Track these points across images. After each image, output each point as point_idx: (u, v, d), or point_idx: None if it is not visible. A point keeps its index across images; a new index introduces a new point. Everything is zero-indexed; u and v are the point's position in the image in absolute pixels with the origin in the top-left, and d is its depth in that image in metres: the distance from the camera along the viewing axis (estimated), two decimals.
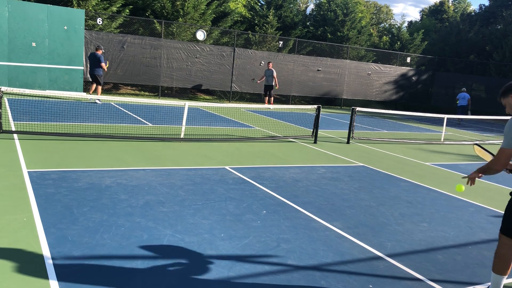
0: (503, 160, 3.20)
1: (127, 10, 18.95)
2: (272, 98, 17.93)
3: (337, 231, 4.77)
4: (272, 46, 22.79)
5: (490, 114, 21.86)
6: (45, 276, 3.24)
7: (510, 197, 3.38)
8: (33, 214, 4.40)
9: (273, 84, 17.68)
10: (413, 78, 25.16)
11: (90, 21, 17.41)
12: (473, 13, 35.25)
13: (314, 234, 4.62)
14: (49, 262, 3.44)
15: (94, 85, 14.47)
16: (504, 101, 3.35)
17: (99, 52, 14.35)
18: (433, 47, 28.85)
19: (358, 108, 11.51)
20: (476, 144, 4.10)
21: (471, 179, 3.55)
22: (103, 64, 14.26)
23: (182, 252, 3.88)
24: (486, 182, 8.15)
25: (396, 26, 30.38)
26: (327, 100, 24.20)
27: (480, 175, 3.50)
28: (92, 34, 16.81)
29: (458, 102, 20.71)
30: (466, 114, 20.98)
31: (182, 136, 9.38)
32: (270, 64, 17.93)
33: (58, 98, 14.38)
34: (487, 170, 3.36)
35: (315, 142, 10.64)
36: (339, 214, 5.36)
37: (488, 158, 3.85)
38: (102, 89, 14.93)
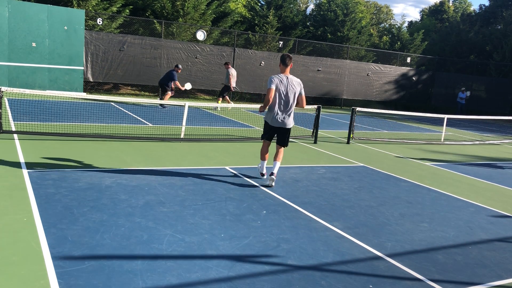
0: (270, 94, 6.17)
1: (127, 10, 18.95)
2: None
3: (337, 231, 4.77)
4: (272, 46, 22.79)
5: (490, 114, 21.86)
6: (45, 276, 3.24)
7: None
8: (33, 214, 4.40)
9: None
10: (413, 78, 25.16)
11: (90, 21, 17.41)
12: (473, 13, 35.28)
13: (314, 234, 4.62)
14: (49, 262, 3.44)
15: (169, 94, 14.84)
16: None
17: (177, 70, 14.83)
18: (433, 47, 28.85)
19: (358, 108, 11.51)
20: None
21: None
22: (177, 82, 14.76)
23: (182, 252, 3.88)
24: (486, 182, 8.15)
25: (396, 26, 30.38)
26: (327, 100, 24.19)
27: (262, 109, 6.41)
28: (92, 34, 16.81)
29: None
30: (458, 111, 22.31)
31: (182, 136, 9.38)
32: None
33: (58, 98, 14.38)
34: (265, 104, 6.27)
35: (315, 142, 10.64)
36: (339, 214, 5.36)
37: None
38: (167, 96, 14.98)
